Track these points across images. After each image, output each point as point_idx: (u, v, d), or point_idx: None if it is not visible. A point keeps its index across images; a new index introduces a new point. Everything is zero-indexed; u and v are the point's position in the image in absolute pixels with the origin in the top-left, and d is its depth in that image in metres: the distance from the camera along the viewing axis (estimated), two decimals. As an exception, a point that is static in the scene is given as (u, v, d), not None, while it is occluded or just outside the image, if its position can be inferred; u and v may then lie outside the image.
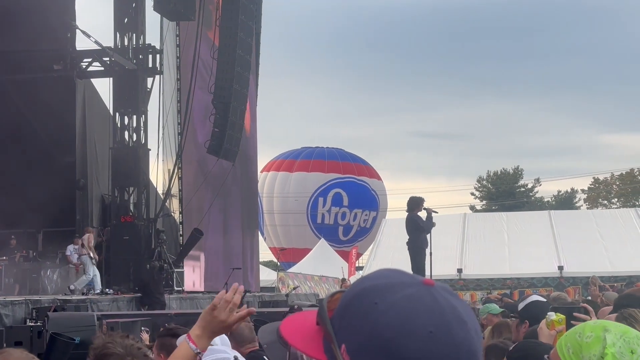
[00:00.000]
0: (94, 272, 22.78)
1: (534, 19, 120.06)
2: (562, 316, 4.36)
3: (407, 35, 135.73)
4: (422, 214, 17.08)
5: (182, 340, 5.08)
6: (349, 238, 52.97)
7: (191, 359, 3.15)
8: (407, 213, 17.10)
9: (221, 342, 4.66)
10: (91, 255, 22.91)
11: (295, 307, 13.19)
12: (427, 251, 16.82)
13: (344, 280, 35.88)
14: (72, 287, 22.06)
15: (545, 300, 6.45)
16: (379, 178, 55.32)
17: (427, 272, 17.07)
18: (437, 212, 17.42)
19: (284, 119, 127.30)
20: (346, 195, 52.54)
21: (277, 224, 51.20)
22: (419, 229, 16.68)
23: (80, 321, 12.05)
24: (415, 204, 16.90)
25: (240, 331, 6.49)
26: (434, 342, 1.43)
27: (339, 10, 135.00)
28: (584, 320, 4.63)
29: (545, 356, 2.31)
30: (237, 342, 6.25)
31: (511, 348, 4.33)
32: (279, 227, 51.55)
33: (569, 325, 4.06)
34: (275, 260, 53.57)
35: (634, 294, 6.90)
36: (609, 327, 2.20)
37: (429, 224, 16.83)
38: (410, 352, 1.43)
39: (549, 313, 4.42)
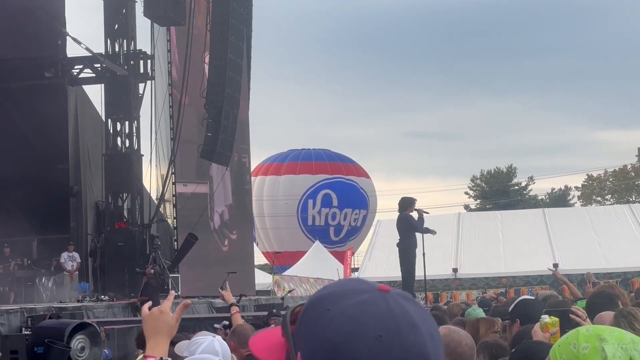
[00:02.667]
0: None
1: (525, 17, 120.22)
2: (556, 319, 4.37)
3: (398, 35, 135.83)
4: (414, 215, 17.08)
5: (182, 347, 5.09)
6: (340, 238, 52.98)
7: None
8: (398, 213, 17.11)
9: (222, 350, 4.66)
10: None
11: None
12: (418, 252, 16.82)
13: (338, 281, 35.86)
14: None
15: (533, 298, 6.48)
16: (367, 176, 55.32)
17: (421, 273, 17.06)
18: (428, 213, 17.43)
19: (276, 121, 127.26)
20: (335, 196, 52.54)
21: (268, 227, 51.12)
22: (411, 228, 16.68)
23: (54, 331, 11.96)
24: (407, 204, 16.93)
25: (244, 332, 6.51)
26: (382, 346, 1.43)
27: (330, 12, 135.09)
28: (580, 320, 4.64)
29: None
30: (240, 343, 6.25)
31: (513, 350, 4.34)
32: (271, 231, 51.49)
33: (562, 327, 4.07)
34: (269, 263, 53.53)
35: (604, 290, 6.90)
36: (603, 335, 2.14)
37: (421, 224, 16.83)
38: (359, 356, 1.43)
39: (542, 316, 4.43)
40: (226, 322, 11.77)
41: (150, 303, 3.27)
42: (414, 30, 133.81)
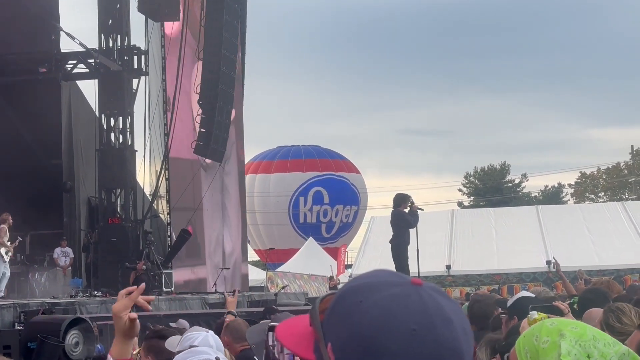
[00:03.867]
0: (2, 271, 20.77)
1: (519, 15, 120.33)
2: (544, 315, 4.38)
3: (392, 32, 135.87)
4: (407, 211, 17.09)
5: (172, 341, 5.09)
6: (332, 234, 53.02)
7: None
8: (393, 209, 17.12)
9: (216, 344, 4.66)
10: (2, 251, 20.56)
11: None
12: (411, 248, 16.83)
13: (331, 278, 35.87)
14: None
15: (534, 296, 6.50)
16: (357, 172, 55.33)
17: (414, 269, 17.06)
18: (422, 210, 17.43)
19: (269, 117, 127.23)
20: (326, 193, 52.54)
21: (259, 224, 51.03)
22: (405, 224, 16.70)
23: (49, 325, 11.95)
24: (401, 200, 16.95)
25: (238, 327, 6.52)
26: (416, 340, 1.43)
27: (324, 8, 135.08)
28: (562, 310, 4.66)
29: (506, 356, 2.27)
30: (234, 338, 6.26)
31: (504, 343, 4.35)
32: (262, 227, 51.45)
33: None
34: (262, 260, 53.49)
35: (598, 288, 6.94)
36: (564, 330, 2.13)
37: (415, 220, 16.85)
38: (391, 350, 1.42)
39: (530, 312, 4.45)
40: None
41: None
42: (408, 27, 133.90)
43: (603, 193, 74.17)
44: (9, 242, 20.81)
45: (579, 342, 2.11)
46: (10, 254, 20.96)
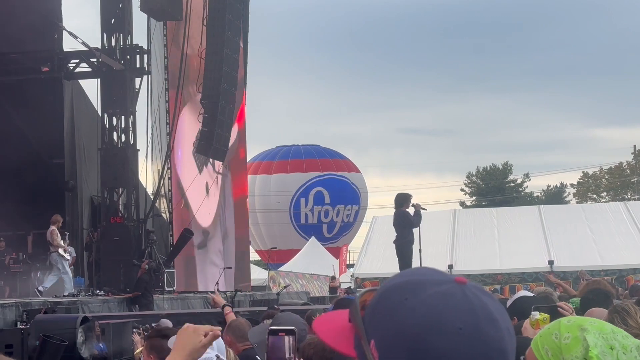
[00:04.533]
0: (63, 270, 21.90)
1: (520, 14, 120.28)
2: (546, 315, 4.38)
3: (393, 32, 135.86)
4: (411, 210, 17.09)
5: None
6: (333, 234, 53.06)
7: None
8: (395, 209, 17.11)
9: (216, 345, 4.66)
10: (60, 251, 21.73)
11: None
12: (415, 248, 16.84)
13: (333, 278, 35.89)
14: (41, 288, 21.32)
15: (533, 295, 6.49)
16: (357, 171, 55.34)
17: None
18: (425, 209, 17.43)
19: (270, 117, 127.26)
20: (327, 193, 52.55)
21: (261, 226, 50.96)
22: (408, 224, 16.71)
23: (63, 324, 11.99)
24: (403, 200, 16.95)
25: (240, 326, 6.52)
26: (462, 339, 1.42)
27: (325, 8, 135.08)
28: (567, 314, 4.65)
29: (522, 357, 2.29)
30: (236, 337, 6.26)
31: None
32: (263, 229, 51.40)
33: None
34: (264, 261, 53.48)
35: (601, 288, 6.93)
36: (584, 325, 2.17)
37: (417, 219, 16.86)
38: (438, 349, 1.42)
39: (532, 312, 4.45)
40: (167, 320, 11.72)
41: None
42: (410, 27, 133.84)
43: (605, 193, 74.17)
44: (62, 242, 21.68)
45: (601, 334, 2.15)
46: (67, 253, 21.85)
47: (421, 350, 1.43)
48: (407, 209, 16.96)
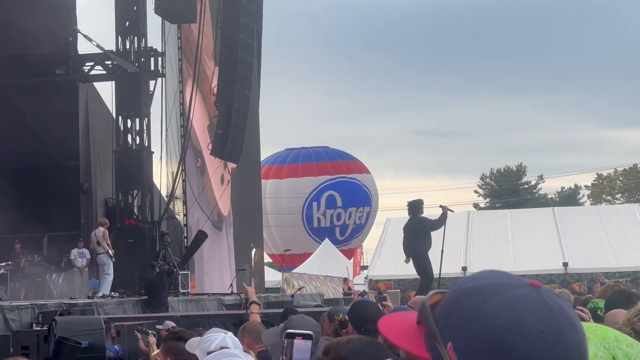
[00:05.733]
0: (108, 271, 22.39)
1: (535, 15, 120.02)
2: None
3: (406, 33, 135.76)
4: (426, 213, 16.94)
5: (192, 343, 5.11)
6: (346, 237, 53.02)
7: None
8: (410, 217, 16.87)
9: (233, 343, 4.68)
10: (110, 253, 22.33)
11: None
12: (437, 249, 16.64)
13: (345, 279, 35.83)
14: (100, 294, 21.70)
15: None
16: (367, 172, 55.27)
17: (436, 272, 16.88)
18: (453, 211, 17.20)
19: (283, 118, 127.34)
20: (339, 196, 52.51)
21: (273, 230, 50.89)
22: (425, 231, 16.39)
23: (87, 325, 12.08)
24: (416, 207, 16.71)
25: (256, 327, 6.53)
26: (545, 343, 1.43)
27: (337, 9, 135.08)
28: (583, 318, 4.65)
29: None
30: (253, 339, 6.28)
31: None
32: (276, 234, 51.33)
33: None
34: (277, 264, 53.43)
35: (624, 290, 6.91)
36: (587, 334, 2.18)
37: (442, 221, 16.51)
38: (521, 352, 1.43)
39: None
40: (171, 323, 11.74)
41: None
42: (423, 28, 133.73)
43: (620, 194, 73.93)
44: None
45: (603, 344, 2.13)
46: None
47: (504, 352, 1.43)
48: (422, 215, 16.76)
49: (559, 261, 28.56)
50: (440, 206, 16.72)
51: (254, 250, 33.75)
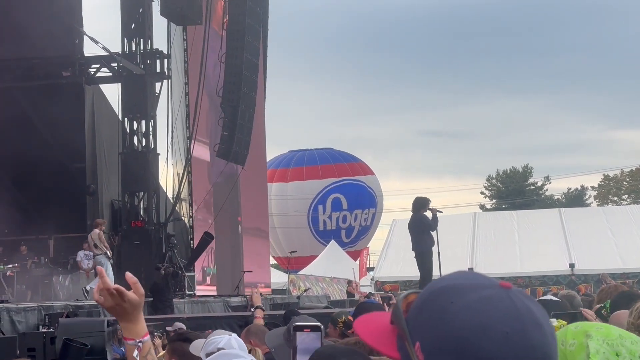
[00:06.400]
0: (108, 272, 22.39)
1: (541, 16, 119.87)
2: (564, 322, 4.38)
3: (412, 33, 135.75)
4: (428, 214, 17.01)
5: (197, 345, 5.12)
6: (351, 239, 53.02)
7: (134, 351, 3.04)
8: (412, 213, 16.99)
9: (238, 345, 4.69)
10: (108, 253, 22.32)
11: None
12: (434, 250, 16.72)
13: (350, 282, 35.84)
14: (87, 287, 21.63)
15: (557, 300, 6.47)
16: (372, 173, 55.26)
17: (437, 272, 16.96)
18: (442, 212, 17.35)
19: (288, 120, 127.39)
20: (345, 199, 52.50)
21: (279, 233, 50.86)
22: (425, 229, 16.59)
23: (89, 327, 12.09)
24: (421, 204, 16.83)
25: (261, 329, 6.55)
26: (509, 343, 1.44)
27: (343, 10, 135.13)
28: (588, 319, 4.64)
29: None
30: (260, 341, 6.29)
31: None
32: (281, 237, 51.29)
33: None
34: (283, 267, 53.38)
35: (631, 291, 6.90)
36: (590, 331, 2.16)
37: (435, 223, 16.75)
38: (485, 352, 1.44)
39: (550, 319, 4.45)
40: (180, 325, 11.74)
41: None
42: (429, 28, 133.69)
43: (626, 195, 73.81)
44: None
45: (606, 341, 2.13)
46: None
47: (468, 353, 1.44)
48: (424, 213, 16.87)
49: (565, 262, 28.51)
50: (429, 209, 16.80)
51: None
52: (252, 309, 8.39)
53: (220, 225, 28.82)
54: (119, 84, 25.35)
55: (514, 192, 73.67)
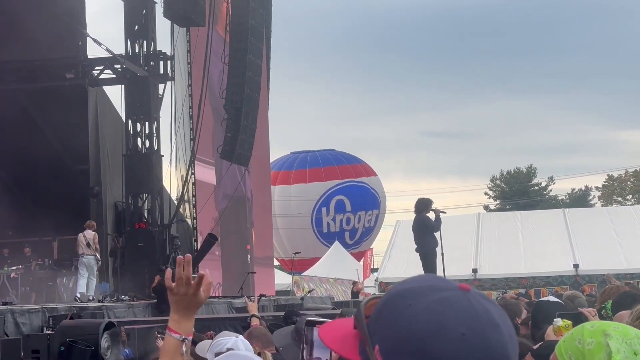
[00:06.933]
0: (94, 273, 22.29)
1: (545, 15, 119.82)
2: (569, 322, 4.38)
3: (415, 34, 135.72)
4: (431, 215, 16.98)
5: (202, 346, 5.12)
6: (355, 240, 53.00)
7: (179, 347, 3.03)
8: (415, 215, 16.96)
9: (244, 347, 4.69)
10: (98, 256, 22.31)
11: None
12: (438, 251, 16.71)
13: (355, 283, 35.80)
14: (78, 295, 21.59)
15: (558, 301, 6.46)
16: (374, 174, 55.26)
17: (440, 273, 16.97)
18: (445, 213, 17.32)
19: (293, 120, 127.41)
20: (348, 201, 52.49)
21: (282, 236, 50.83)
22: (428, 230, 16.55)
23: (83, 330, 12.05)
24: (424, 205, 16.79)
25: (265, 332, 6.57)
26: (466, 344, 1.44)
27: (347, 11, 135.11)
28: (590, 317, 4.64)
29: None
30: (263, 344, 6.29)
31: (536, 347, 4.33)
32: (285, 239, 51.27)
33: None
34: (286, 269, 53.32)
35: (634, 292, 6.89)
36: (608, 330, 2.17)
37: (438, 224, 16.71)
38: (442, 354, 1.44)
39: (555, 319, 4.44)
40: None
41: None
42: (432, 29, 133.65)
43: (631, 196, 73.73)
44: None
45: (625, 340, 2.14)
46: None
47: (425, 355, 1.44)
48: (427, 215, 16.83)
49: (569, 263, 28.47)
50: (432, 210, 16.76)
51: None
52: (249, 319, 8.46)
53: (228, 252, 28.56)
54: (123, 86, 25.36)
55: (517, 192, 73.61)
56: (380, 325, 1.51)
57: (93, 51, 26.16)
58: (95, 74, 25.89)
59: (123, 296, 22.30)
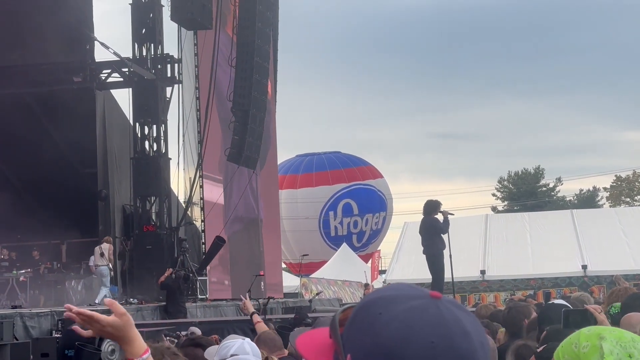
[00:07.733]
0: (107, 283, 22.62)
1: (551, 17, 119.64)
2: None
3: (421, 36, 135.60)
4: (439, 217, 16.94)
5: (211, 351, 5.12)
6: (363, 242, 52.95)
7: None
8: (423, 216, 16.93)
9: (252, 351, 4.70)
10: (110, 267, 22.91)
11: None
12: (446, 253, 16.67)
13: (366, 285, 35.77)
14: (97, 301, 21.80)
15: (564, 303, 6.47)
16: (381, 176, 55.17)
17: (448, 274, 16.91)
18: (453, 214, 17.29)
19: (300, 123, 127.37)
20: (355, 204, 52.39)
21: (290, 239, 50.72)
22: (436, 232, 16.51)
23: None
24: (432, 207, 16.75)
25: (272, 337, 6.58)
26: (435, 352, 1.45)
27: (352, 13, 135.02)
28: (595, 312, 4.65)
29: None
30: (269, 348, 6.31)
31: (540, 349, 4.34)
32: (293, 243, 51.17)
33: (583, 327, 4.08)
34: (294, 272, 53.23)
35: (637, 293, 6.91)
36: (603, 334, 2.19)
37: (446, 225, 16.67)
38: None
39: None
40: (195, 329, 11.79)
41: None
42: (438, 30, 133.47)
43: (639, 196, 73.54)
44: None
45: (619, 342, 2.16)
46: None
47: None
48: (435, 216, 16.80)
49: (577, 264, 28.39)
50: (440, 211, 16.73)
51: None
52: (250, 316, 8.47)
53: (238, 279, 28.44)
54: (130, 89, 25.43)
55: (525, 193, 73.47)
56: (353, 334, 1.53)
57: (101, 55, 26.27)
58: (103, 78, 25.96)
59: (131, 299, 22.35)
